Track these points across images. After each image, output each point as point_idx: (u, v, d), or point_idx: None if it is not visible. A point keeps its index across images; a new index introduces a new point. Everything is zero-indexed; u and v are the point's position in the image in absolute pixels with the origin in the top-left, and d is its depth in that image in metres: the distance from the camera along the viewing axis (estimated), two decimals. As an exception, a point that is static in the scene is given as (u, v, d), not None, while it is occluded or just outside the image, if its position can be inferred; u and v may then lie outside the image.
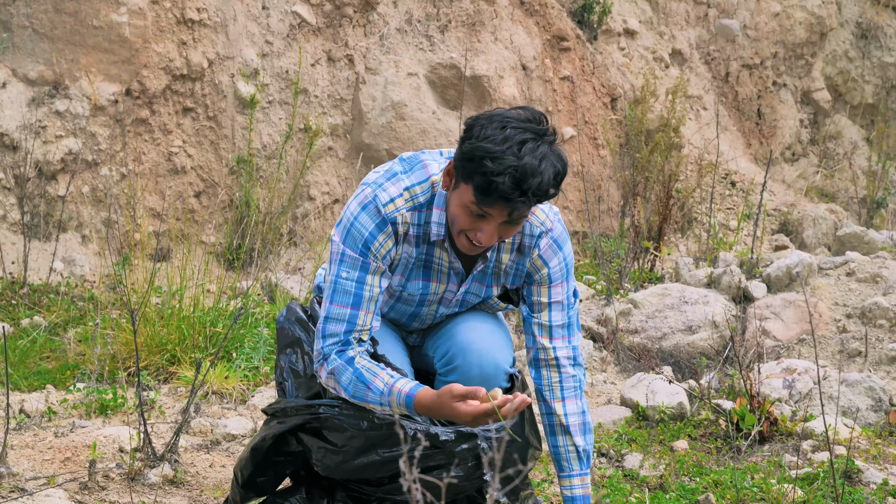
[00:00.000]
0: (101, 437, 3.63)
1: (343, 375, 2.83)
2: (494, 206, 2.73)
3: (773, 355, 5.09)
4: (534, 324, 3.04)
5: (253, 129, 7.30)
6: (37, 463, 3.44)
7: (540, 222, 2.98)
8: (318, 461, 2.93)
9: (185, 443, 3.75)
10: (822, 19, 10.46)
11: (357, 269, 2.88)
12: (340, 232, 2.92)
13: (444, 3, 8.28)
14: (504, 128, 2.72)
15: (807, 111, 10.56)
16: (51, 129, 6.69)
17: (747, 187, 9.07)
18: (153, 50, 6.97)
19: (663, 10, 10.18)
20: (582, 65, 8.85)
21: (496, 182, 2.68)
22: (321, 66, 7.73)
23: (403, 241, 2.92)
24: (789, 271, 5.50)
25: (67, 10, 6.76)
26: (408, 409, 2.77)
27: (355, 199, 2.93)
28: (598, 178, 8.56)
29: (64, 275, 6.28)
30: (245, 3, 7.45)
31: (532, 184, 2.69)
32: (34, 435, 3.71)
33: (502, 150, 2.69)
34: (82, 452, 3.52)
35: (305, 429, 2.94)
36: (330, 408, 2.89)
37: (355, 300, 2.88)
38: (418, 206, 2.91)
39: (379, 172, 2.98)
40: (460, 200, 2.78)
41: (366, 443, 2.84)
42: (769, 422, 4.12)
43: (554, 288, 3.03)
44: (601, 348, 5.26)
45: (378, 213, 2.88)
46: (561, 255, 3.02)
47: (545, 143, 2.73)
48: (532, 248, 2.99)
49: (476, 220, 2.78)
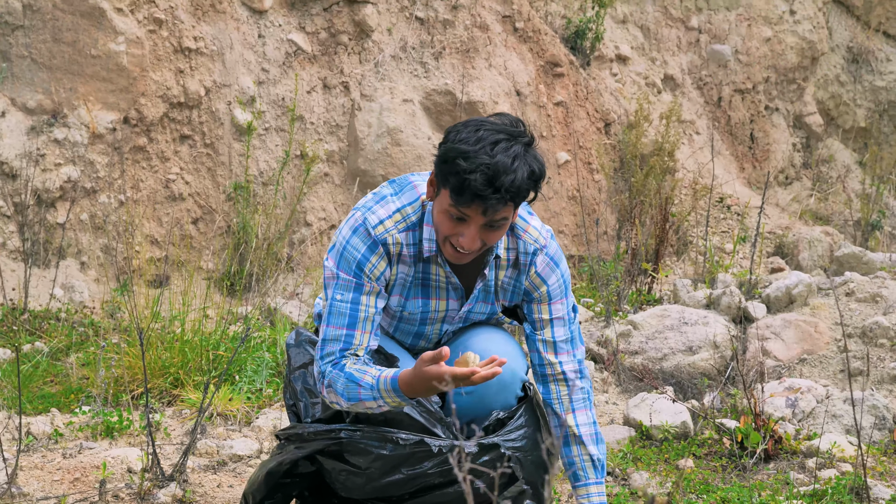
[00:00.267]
0: (109, 458, 3.63)
1: (337, 382, 2.86)
2: (470, 205, 2.77)
3: (774, 375, 5.11)
4: (537, 341, 3.08)
5: (250, 155, 7.33)
6: (46, 483, 3.44)
7: (533, 239, 3.03)
8: (341, 483, 2.94)
9: (192, 463, 3.75)
10: (813, 44, 10.55)
11: (351, 290, 2.92)
12: (334, 256, 2.97)
13: (438, 31, 8.33)
14: (478, 130, 2.79)
15: (799, 135, 10.63)
16: (50, 157, 6.70)
17: (742, 210, 9.11)
18: (151, 78, 6.99)
19: (655, 37, 10.26)
20: (576, 90, 8.90)
21: (469, 180, 2.73)
22: (317, 94, 7.77)
23: (398, 262, 2.96)
24: (789, 291, 5.53)
25: (66, 40, 6.79)
26: (395, 393, 2.79)
27: (346, 223, 2.98)
28: (592, 203, 8.59)
29: (63, 301, 6.28)
30: (241, 31, 7.49)
31: (504, 181, 2.73)
32: (42, 456, 3.71)
33: (475, 150, 2.76)
34: (91, 473, 3.52)
35: (324, 452, 2.94)
36: (352, 431, 2.90)
37: (350, 321, 2.91)
38: (411, 226, 2.95)
39: (369, 197, 3.03)
40: (441, 206, 2.84)
41: (390, 463, 2.85)
42: (773, 440, 4.14)
43: (554, 304, 3.07)
44: (602, 369, 5.27)
45: (369, 236, 2.92)
46: (559, 272, 3.06)
47: (519, 144, 2.78)
48: (528, 265, 3.03)
49: (457, 225, 2.82)
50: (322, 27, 7.83)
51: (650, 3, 10.30)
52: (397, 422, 2.87)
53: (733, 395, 4.66)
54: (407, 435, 2.85)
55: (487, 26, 8.48)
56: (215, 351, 4.73)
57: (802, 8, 10.58)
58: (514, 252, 3.02)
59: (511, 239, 3.03)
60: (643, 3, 10.29)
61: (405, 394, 2.77)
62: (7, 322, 5.73)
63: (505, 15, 8.70)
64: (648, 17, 10.25)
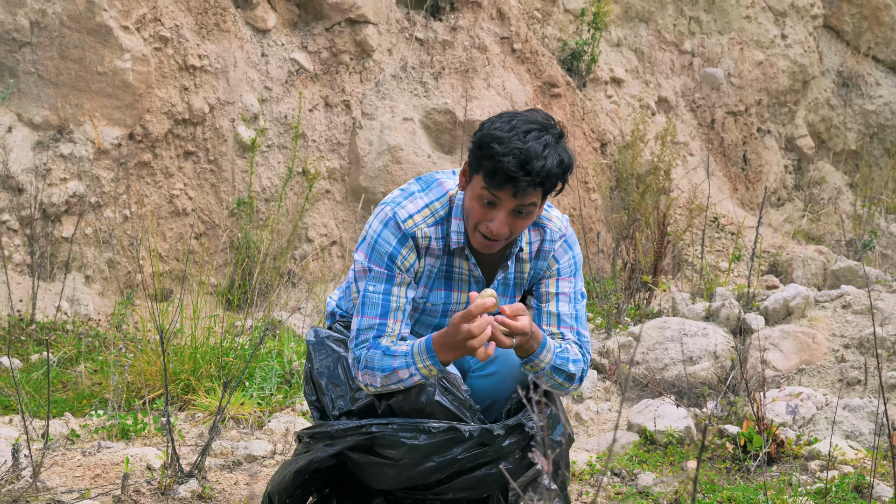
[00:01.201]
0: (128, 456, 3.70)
1: (374, 359, 2.97)
2: (502, 188, 2.88)
3: (773, 384, 5.20)
4: (542, 312, 3.15)
5: (253, 172, 7.42)
6: (68, 479, 3.51)
7: (557, 228, 3.16)
8: (374, 477, 3.00)
9: (209, 463, 3.82)
10: (804, 68, 10.71)
11: (383, 281, 3.02)
12: (365, 250, 3.06)
13: (438, 51, 8.45)
14: (511, 120, 2.93)
15: (791, 157, 10.77)
16: (56, 172, 6.78)
17: (736, 230, 9.23)
18: (156, 95, 7.09)
19: (649, 60, 10.40)
20: (572, 110, 9.02)
21: (502, 162, 2.85)
22: (319, 112, 7.87)
23: (426, 255, 3.06)
24: (786, 304, 5.63)
25: (72, 57, 6.88)
26: (428, 354, 2.90)
27: (376, 217, 3.07)
28: (589, 221, 8.70)
29: (69, 314, 6.35)
30: (245, 50, 7.60)
31: (535, 165, 2.85)
32: (62, 454, 3.78)
33: (509, 137, 2.88)
34: (111, 470, 3.59)
35: (354, 447, 3.01)
36: (383, 425, 2.96)
37: (383, 310, 3.01)
38: (439, 220, 3.06)
39: (396, 193, 3.13)
40: (473, 192, 2.96)
41: (422, 452, 2.93)
42: (776, 444, 4.22)
43: (562, 281, 3.17)
44: (604, 378, 5.36)
45: (399, 229, 3.03)
46: (571, 253, 3.18)
47: (550, 135, 2.91)
48: (550, 251, 3.14)
49: (487, 210, 2.94)
50: (324, 47, 7.95)
51: (644, 27, 10.46)
52: (428, 413, 2.96)
53: (734, 402, 4.75)
54: (438, 423, 2.93)
55: (486, 47, 8.61)
56: (225, 358, 4.81)
57: (794, 32, 10.75)
58: (537, 244, 3.13)
59: (535, 232, 3.14)
60: (637, 27, 10.44)
61: (437, 353, 2.88)
62: (15, 333, 5.79)
63: (503, 36, 8.83)
64: (642, 41, 10.40)
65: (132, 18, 7.02)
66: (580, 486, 3.91)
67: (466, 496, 3.00)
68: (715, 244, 9.14)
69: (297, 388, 4.87)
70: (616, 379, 5.31)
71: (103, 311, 6.58)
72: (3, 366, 5.38)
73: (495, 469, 2.93)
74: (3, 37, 6.73)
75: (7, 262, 6.46)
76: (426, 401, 2.95)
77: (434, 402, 2.95)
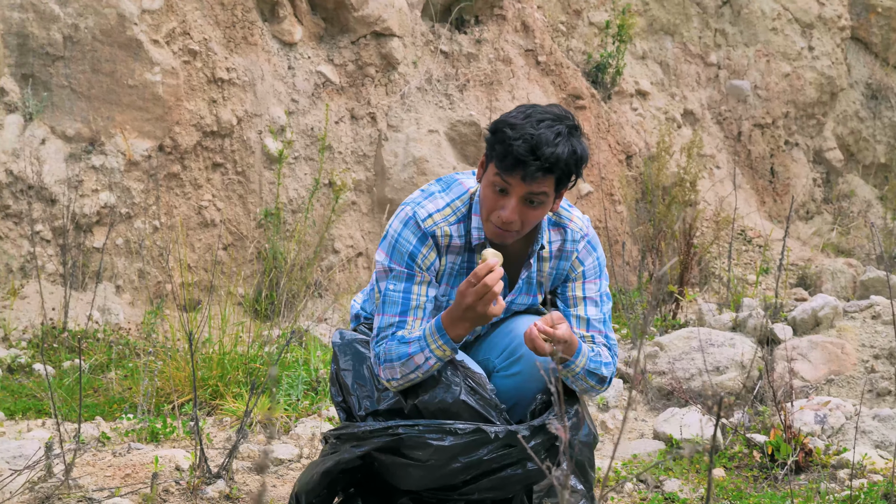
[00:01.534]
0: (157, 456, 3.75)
1: (391, 351, 3.02)
2: (512, 172, 2.93)
3: (801, 395, 5.19)
4: (571, 316, 3.19)
5: (280, 183, 7.47)
6: (99, 479, 3.56)
7: (578, 227, 3.19)
8: (400, 477, 3.04)
9: (236, 465, 3.86)
10: (832, 80, 10.68)
11: (403, 280, 3.06)
12: (385, 249, 3.11)
13: (462, 64, 8.50)
14: (527, 110, 3.01)
15: (819, 170, 10.74)
16: (87, 184, 6.85)
17: (763, 243, 9.21)
18: (185, 108, 7.16)
19: (674, 72, 10.41)
20: (597, 123, 9.04)
21: (512, 146, 2.92)
22: (345, 124, 7.93)
23: (447, 252, 3.10)
24: (815, 314, 5.62)
25: (104, 71, 6.96)
26: (439, 333, 2.95)
27: (396, 217, 3.12)
28: (615, 233, 8.71)
29: (100, 323, 6.41)
30: (272, 63, 7.67)
31: (545, 151, 2.90)
32: (93, 455, 3.83)
33: (522, 123, 2.96)
34: (141, 470, 3.64)
35: (381, 448, 3.04)
36: (409, 427, 2.99)
37: (403, 308, 3.05)
38: (461, 218, 3.11)
39: (417, 193, 3.18)
40: (487, 180, 3.02)
41: (448, 453, 2.95)
42: (804, 452, 4.21)
43: (588, 283, 3.20)
44: (630, 388, 5.36)
45: (419, 228, 3.07)
46: (595, 255, 3.21)
47: (563, 126, 2.95)
48: (572, 252, 3.17)
49: (500, 198, 2.99)
50: (350, 60, 8.00)
51: (669, 40, 10.47)
52: (454, 413, 2.98)
53: (761, 412, 4.75)
54: (464, 424, 2.95)
55: (510, 60, 8.64)
56: (253, 364, 4.85)
57: (821, 44, 10.73)
58: (559, 242, 3.17)
59: (556, 232, 3.17)
60: (662, 40, 10.45)
61: (447, 330, 2.93)
62: (47, 340, 5.87)
63: (527, 49, 8.87)
64: (668, 54, 10.41)
65: (162, 32, 7.10)
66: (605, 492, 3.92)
67: (491, 497, 3.02)
68: (742, 257, 9.12)
69: (323, 394, 4.91)
70: (641, 388, 5.31)
71: (133, 321, 6.65)
72: (37, 372, 5.45)
73: (520, 470, 2.95)
74: (37, 51, 6.82)
75: (40, 272, 6.54)
76: (452, 400, 2.97)
77: (460, 401, 2.98)
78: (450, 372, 3.02)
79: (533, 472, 2.99)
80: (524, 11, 8.98)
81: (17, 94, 6.80)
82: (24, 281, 6.55)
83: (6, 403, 4.82)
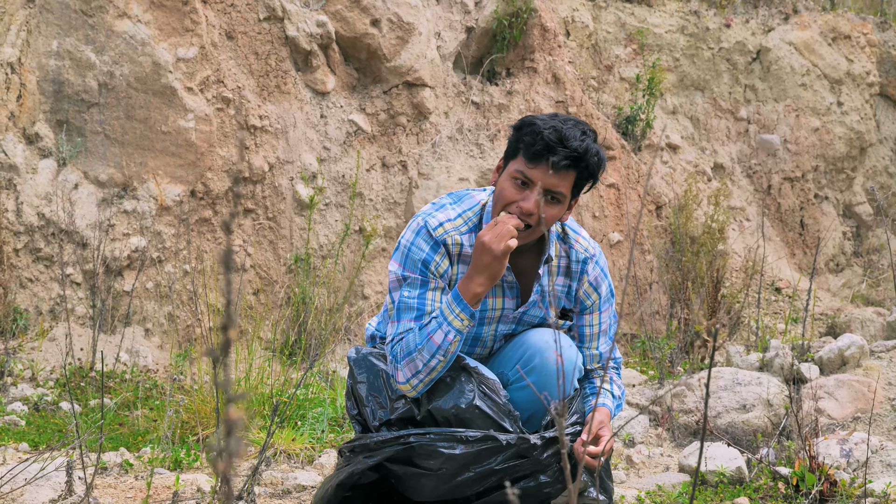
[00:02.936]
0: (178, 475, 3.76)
1: (409, 343, 3.04)
2: (540, 161, 2.99)
3: (828, 431, 5.14)
4: (586, 356, 3.26)
5: (311, 229, 7.55)
6: (120, 500, 3.58)
7: (584, 248, 3.23)
8: (413, 488, 3.04)
9: (258, 491, 3.87)
10: (861, 135, 10.69)
11: (418, 287, 3.10)
12: (399, 259, 3.15)
13: (493, 114, 8.58)
14: (551, 115, 3.10)
15: (849, 224, 10.71)
16: (119, 228, 6.95)
17: (792, 293, 9.17)
18: (217, 154, 7.27)
19: (704, 127, 10.45)
20: (627, 173, 9.08)
21: (542, 133, 3.00)
22: (376, 171, 8.01)
23: (459, 262, 3.14)
24: (841, 353, 5.59)
25: (138, 117, 7.09)
26: (456, 301, 2.99)
27: (408, 229, 3.18)
28: (644, 283, 8.70)
29: (129, 364, 6.46)
30: (304, 111, 7.78)
31: (572, 143, 2.99)
32: (115, 478, 3.86)
33: (548, 119, 3.07)
34: (163, 492, 3.66)
35: (393, 458, 3.05)
36: (421, 435, 3.01)
37: (418, 313, 3.08)
38: (473, 228, 3.15)
39: (428, 206, 3.23)
40: (507, 175, 3.08)
41: (460, 462, 2.96)
42: (829, 483, 4.18)
43: (603, 314, 3.26)
44: (656, 426, 5.34)
45: (430, 237, 3.12)
46: (607, 282, 3.29)
47: (587, 129, 3.02)
48: (580, 273, 3.20)
49: (520, 190, 3.04)
50: (382, 109, 8.11)
51: (699, 95, 10.53)
52: (468, 421, 2.99)
53: (787, 446, 4.71)
54: (474, 432, 2.96)
55: (541, 110, 8.72)
56: (278, 397, 4.87)
57: (850, 100, 10.76)
58: (565, 259, 3.21)
59: (563, 247, 3.21)
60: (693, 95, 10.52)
61: (462, 291, 2.96)
62: (75, 380, 5.92)
63: (558, 100, 8.95)
64: (698, 109, 10.46)
65: (196, 80, 7.24)
66: (628, 518, 3.89)
67: (507, 512, 3.01)
68: (771, 307, 9.08)
69: (348, 429, 4.92)
70: (668, 426, 5.29)
71: (161, 363, 6.70)
72: (63, 410, 5.49)
73: (532, 483, 2.95)
74: (72, 98, 6.96)
75: (69, 314, 6.61)
76: (466, 405, 2.98)
77: (474, 406, 2.99)
78: (463, 378, 3.03)
79: (547, 485, 2.99)
80: (555, 64, 9.08)
81: (52, 140, 6.93)
82: (53, 323, 6.63)
83: (31, 437, 4.86)
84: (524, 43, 8.81)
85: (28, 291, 6.76)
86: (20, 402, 5.49)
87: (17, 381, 5.87)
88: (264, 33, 7.64)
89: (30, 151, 6.92)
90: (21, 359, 6.18)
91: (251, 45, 7.58)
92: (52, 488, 3.48)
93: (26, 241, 6.76)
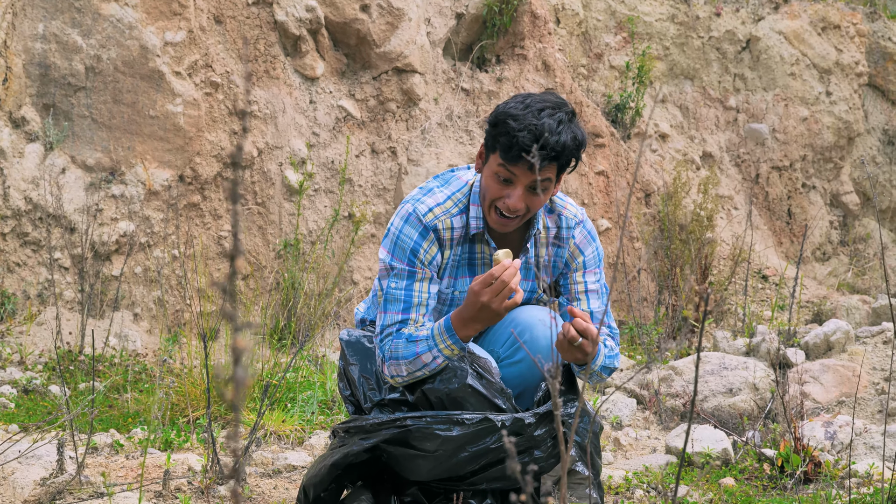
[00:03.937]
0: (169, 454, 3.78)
1: (398, 349, 3.04)
2: (517, 163, 2.97)
3: (813, 415, 5.18)
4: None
5: (300, 215, 7.55)
6: (111, 478, 3.59)
7: (573, 215, 3.25)
8: (409, 469, 3.06)
9: (249, 470, 3.88)
10: (849, 124, 10.74)
11: (405, 278, 3.10)
12: (387, 246, 3.16)
13: (483, 101, 8.59)
14: (525, 100, 3.04)
15: (836, 213, 10.76)
16: (107, 213, 6.94)
17: (779, 281, 9.22)
18: (206, 139, 7.27)
19: (693, 116, 10.48)
20: (616, 161, 9.11)
21: (518, 137, 2.96)
22: (365, 157, 8.02)
23: (449, 246, 3.15)
24: (827, 338, 5.62)
25: (125, 101, 7.08)
26: (448, 333, 2.97)
27: (397, 215, 3.18)
28: (632, 270, 8.73)
29: (117, 349, 6.47)
30: (294, 97, 7.78)
31: (550, 139, 2.96)
32: (106, 457, 3.87)
33: (523, 114, 3.00)
34: (154, 471, 3.67)
35: (389, 440, 3.07)
36: (417, 418, 3.02)
37: (405, 305, 3.09)
38: (463, 209, 3.15)
39: (416, 190, 3.23)
40: (489, 171, 3.06)
41: (456, 443, 2.98)
42: (813, 464, 4.21)
43: (588, 273, 3.26)
44: (644, 409, 5.37)
45: (420, 223, 3.12)
46: (594, 245, 3.28)
47: (563, 113, 3.00)
48: (568, 238, 3.22)
49: (504, 187, 3.03)
50: (371, 95, 8.11)
51: (689, 84, 10.56)
52: (462, 401, 3.01)
53: (772, 429, 4.75)
54: (471, 415, 2.98)
55: (530, 98, 8.74)
56: (268, 380, 4.88)
57: (838, 90, 10.79)
58: (555, 229, 3.22)
59: (551, 218, 3.23)
60: (682, 84, 10.55)
61: (457, 330, 2.95)
62: (64, 364, 5.92)
63: (548, 87, 8.96)
64: (687, 97, 10.49)
65: (184, 64, 7.23)
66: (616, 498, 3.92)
67: (499, 486, 3.04)
68: (758, 294, 9.12)
69: (338, 411, 4.93)
70: (655, 410, 5.32)
71: (150, 348, 6.70)
72: (52, 393, 5.50)
73: (527, 458, 2.98)
74: (59, 81, 6.95)
75: (58, 298, 6.61)
76: (458, 385, 3.00)
77: (466, 386, 3.00)
78: (456, 358, 3.05)
79: (540, 460, 3.01)
80: (545, 51, 9.09)
81: (38, 124, 6.92)
82: (41, 307, 6.63)
83: (20, 418, 4.87)
84: (514, 30, 8.82)
85: (16, 276, 6.75)
86: (9, 384, 5.49)
87: (6, 364, 5.87)
88: (253, 18, 7.63)
89: (16, 135, 6.90)
90: (9, 342, 6.17)
91: (240, 30, 7.57)
92: (43, 467, 3.49)
93: (13, 225, 6.75)
